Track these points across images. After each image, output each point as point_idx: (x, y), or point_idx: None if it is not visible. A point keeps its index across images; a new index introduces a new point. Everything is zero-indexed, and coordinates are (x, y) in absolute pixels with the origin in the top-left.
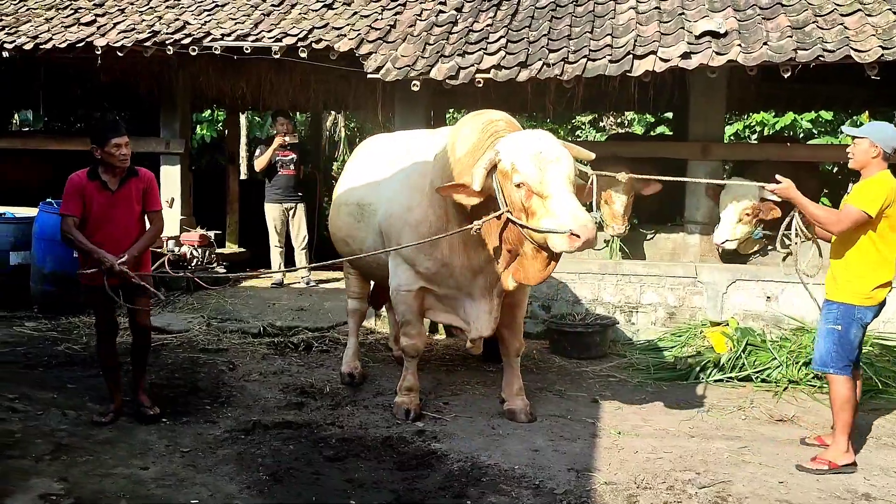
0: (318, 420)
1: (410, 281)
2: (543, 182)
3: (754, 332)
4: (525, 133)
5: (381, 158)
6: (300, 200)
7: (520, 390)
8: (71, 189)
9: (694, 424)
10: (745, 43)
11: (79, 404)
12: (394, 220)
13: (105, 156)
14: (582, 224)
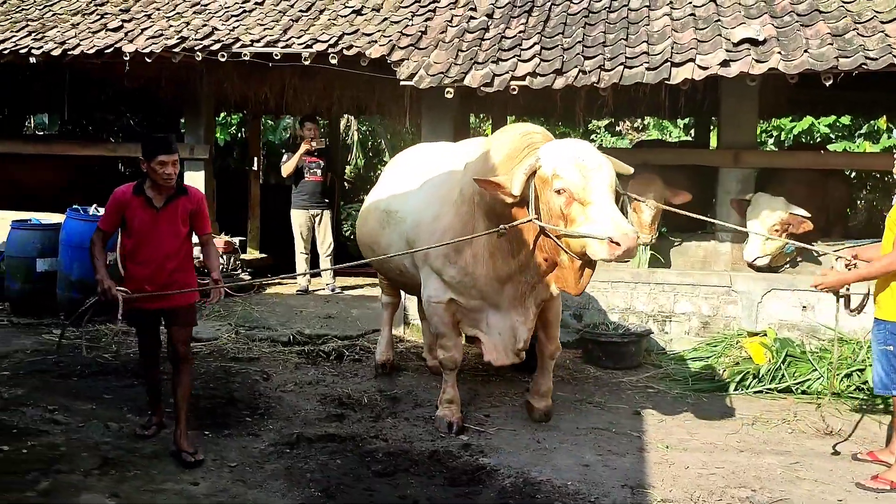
0: (361, 433)
1: (440, 292)
2: (586, 189)
3: (793, 342)
4: (566, 141)
5: (411, 169)
6: (326, 207)
7: (547, 391)
8: (111, 202)
9: (741, 438)
10: (784, 50)
11: (118, 416)
12: (421, 228)
13: (150, 171)
14: (623, 232)
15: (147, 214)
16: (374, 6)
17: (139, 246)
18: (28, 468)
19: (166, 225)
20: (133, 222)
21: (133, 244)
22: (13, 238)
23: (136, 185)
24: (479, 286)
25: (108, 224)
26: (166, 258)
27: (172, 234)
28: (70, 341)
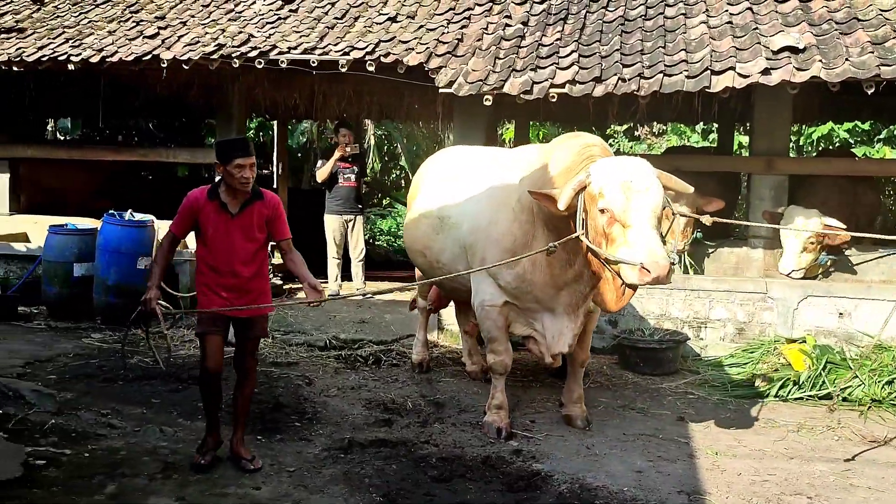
0: (411, 438)
1: (495, 296)
2: (626, 211)
3: (832, 349)
4: (619, 160)
5: (463, 173)
6: (359, 212)
7: (579, 398)
8: (184, 206)
9: (788, 445)
10: (825, 58)
11: (171, 420)
12: (479, 234)
13: (226, 175)
14: (654, 260)
15: (221, 220)
16: (409, 14)
17: (213, 252)
18: (93, 472)
19: (241, 231)
20: (206, 228)
21: (207, 250)
22: (51, 243)
23: (211, 189)
24: (535, 292)
25: (179, 228)
26: (242, 265)
27: (248, 241)
28: (109, 346)
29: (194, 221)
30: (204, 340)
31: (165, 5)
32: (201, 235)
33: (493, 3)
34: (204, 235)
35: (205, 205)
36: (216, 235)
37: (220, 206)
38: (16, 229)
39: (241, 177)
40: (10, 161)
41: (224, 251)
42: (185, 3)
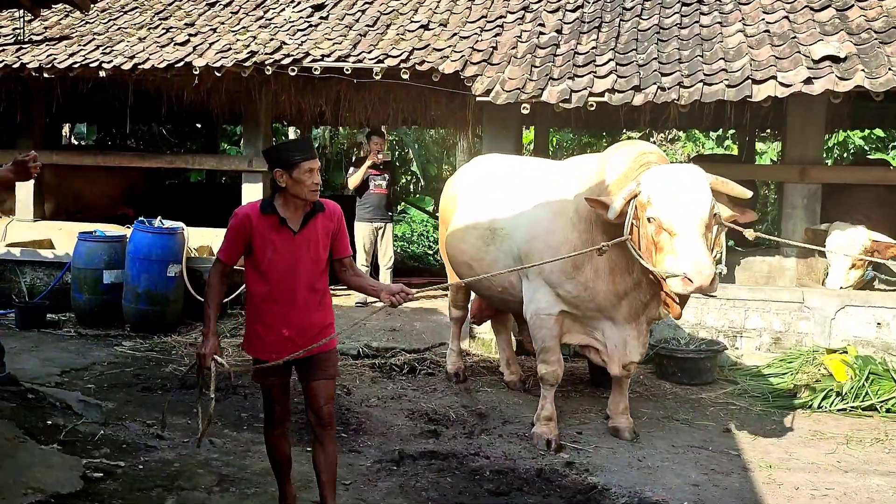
0: (460, 450)
1: (551, 304)
2: (672, 221)
3: (875, 360)
4: (670, 168)
5: (511, 183)
6: (389, 220)
7: (625, 409)
8: (234, 227)
9: (840, 458)
10: (867, 68)
11: (217, 431)
12: (536, 242)
13: (292, 184)
14: (697, 269)
15: (282, 238)
16: (441, 21)
17: (272, 279)
18: (150, 485)
19: (306, 250)
20: (265, 250)
21: (262, 277)
22: (81, 250)
23: (264, 203)
24: (598, 300)
25: (229, 254)
26: (308, 291)
27: (313, 262)
28: (142, 354)
29: (247, 244)
30: (269, 392)
31: (194, 12)
32: (255, 260)
33: (526, 11)
34: (258, 260)
35: (259, 222)
36: (277, 257)
37: (279, 222)
38: (40, 236)
39: (312, 183)
40: None
41: (285, 276)
42: (213, 10)
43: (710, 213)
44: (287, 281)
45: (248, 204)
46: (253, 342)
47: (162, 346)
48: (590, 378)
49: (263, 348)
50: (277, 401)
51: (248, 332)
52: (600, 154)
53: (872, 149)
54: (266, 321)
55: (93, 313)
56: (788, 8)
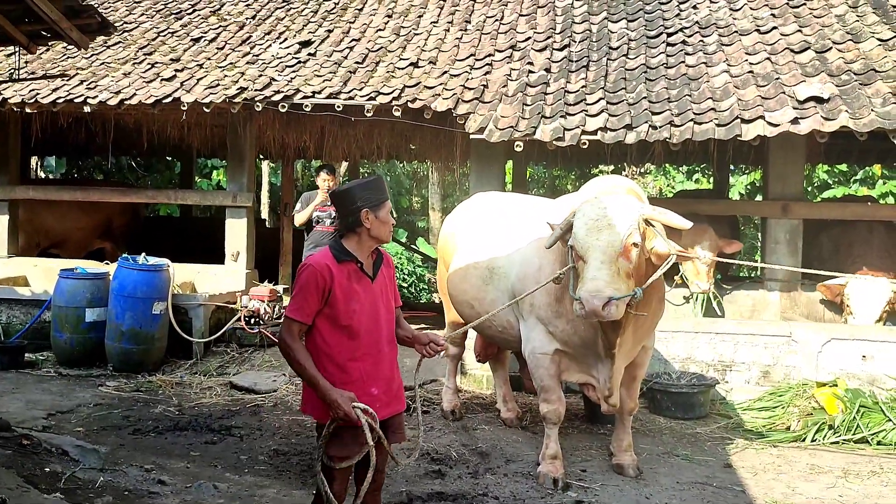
0: (468, 490)
1: (546, 343)
2: (582, 248)
3: (864, 392)
4: (597, 199)
5: (508, 221)
6: None
7: (629, 446)
8: (309, 279)
9: (842, 493)
10: (850, 108)
11: (218, 475)
12: (527, 281)
13: (377, 225)
14: (587, 291)
15: (363, 288)
16: (430, 59)
17: (360, 333)
18: None
19: (382, 299)
20: (348, 302)
21: (348, 332)
22: (62, 287)
23: (336, 251)
24: (580, 334)
25: (307, 312)
26: (390, 346)
27: (389, 311)
28: (128, 394)
29: (325, 298)
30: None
31: (179, 47)
32: (334, 314)
33: (513, 50)
34: (340, 314)
35: (337, 272)
36: (360, 309)
37: (359, 268)
38: (15, 273)
39: (391, 226)
40: (10, 202)
41: (370, 329)
42: (199, 46)
43: (620, 241)
44: (373, 334)
45: (316, 253)
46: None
47: (148, 386)
48: (585, 414)
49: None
50: (344, 477)
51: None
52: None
53: (835, 182)
54: (353, 380)
55: (74, 353)
56: (770, 50)
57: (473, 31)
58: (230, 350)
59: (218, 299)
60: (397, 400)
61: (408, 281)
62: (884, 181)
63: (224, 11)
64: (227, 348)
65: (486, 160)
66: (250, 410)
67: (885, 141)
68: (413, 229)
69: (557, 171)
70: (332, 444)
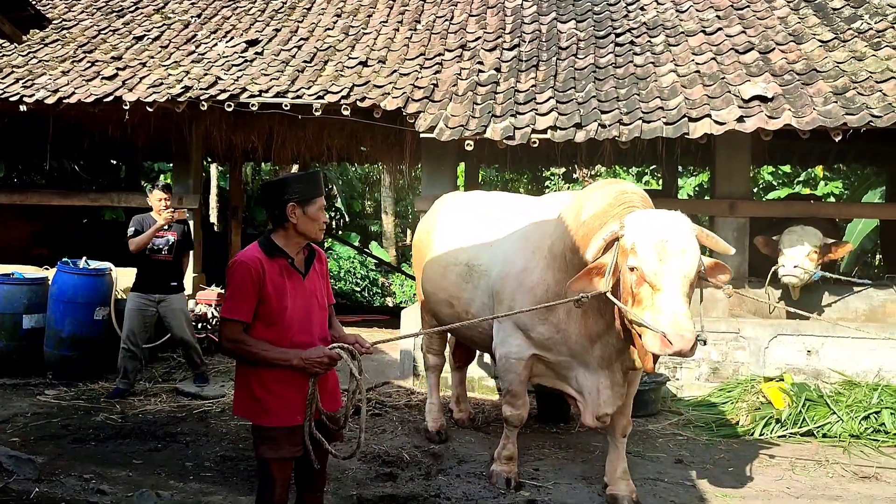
0: (420, 492)
1: (522, 348)
2: (658, 274)
3: (809, 386)
4: (658, 214)
5: (485, 218)
6: (173, 292)
7: (624, 473)
8: (242, 277)
9: (788, 484)
10: (793, 107)
11: (162, 483)
12: (508, 280)
13: (304, 221)
14: (679, 333)
15: (294, 284)
16: (379, 58)
17: (288, 331)
18: None
19: (314, 297)
20: (280, 298)
21: (280, 330)
22: None
23: (266, 246)
24: (570, 344)
25: (245, 311)
26: (323, 343)
27: (321, 308)
28: (68, 403)
29: (259, 295)
30: (271, 472)
31: (121, 45)
32: (267, 312)
33: (463, 50)
34: (273, 311)
35: (269, 267)
36: (292, 306)
37: (289, 264)
38: None
39: (323, 222)
40: None
41: (302, 327)
42: (142, 44)
43: (697, 271)
44: (305, 331)
45: (245, 250)
46: (270, 407)
47: (89, 394)
48: (538, 414)
49: (287, 411)
50: (283, 478)
51: (258, 397)
52: (579, 191)
53: (780, 183)
54: (287, 379)
55: (10, 360)
56: (715, 50)
57: (423, 31)
58: (176, 356)
59: None
60: (333, 399)
61: (361, 285)
62: (825, 182)
63: (168, 10)
64: (174, 354)
65: (437, 161)
66: (196, 417)
67: (825, 141)
68: (366, 233)
69: (510, 174)
70: (265, 447)
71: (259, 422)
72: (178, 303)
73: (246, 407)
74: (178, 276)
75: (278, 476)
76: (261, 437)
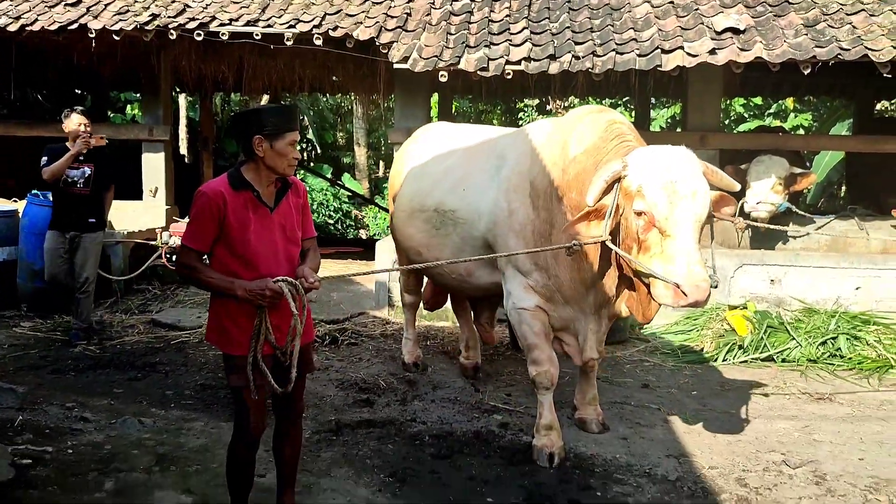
0: (396, 417)
1: (524, 297)
2: (669, 219)
3: (771, 314)
4: (663, 152)
5: (460, 157)
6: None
7: (593, 399)
8: (203, 207)
9: (748, 406)
10: (765, 40)
11: (143, 410)
12: (499, 228)
13: (272, 156)
14: (694, 283)
15: (258, 218)
16: None
17: (252, 264)
18: (85, 469)
19: (282, 231)
20: (242, 231)
21: (245, 264)
22: None
23: (233, 178)
24: (563, 290)
25: (202, 240)
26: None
27: (291, 244)
28: (45, 334)
29: (220, 226)
30: (244, 398)
31: None
32: (230, 244)
33: None
34: (235, 243)
35: (231, 198)
36: (256, 240)
37: (255, 197)
38: None
39: (293, 157)
40: None
41: (268, 260)
42: None
43: (708, 212)
44: (271, 265)
45: (212, 181)
46: (234, 338)
47: (65, 326)
48: (510, 341)
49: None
50: (256, 405)
51: (225, 327)
52: (559, 121)
53: (751, 115)
54: (252, 312)
55: None
56: None
57: None
58: (152, 288)
59: (137, 236)
60: (306, 331)
61: (334, 217)
62: (795, 114)
63: None
64: (149, 286)
65: (410, 92)
66: (175, 347)
67: (796, 73)
68: (338, 165)
69: (483, 105)
70: (234, 375)
71: (227, 350)
72: (91, 240)
73: (216, 336)
74: (97, 213)
75: (251, 402)
76: (230, 365)
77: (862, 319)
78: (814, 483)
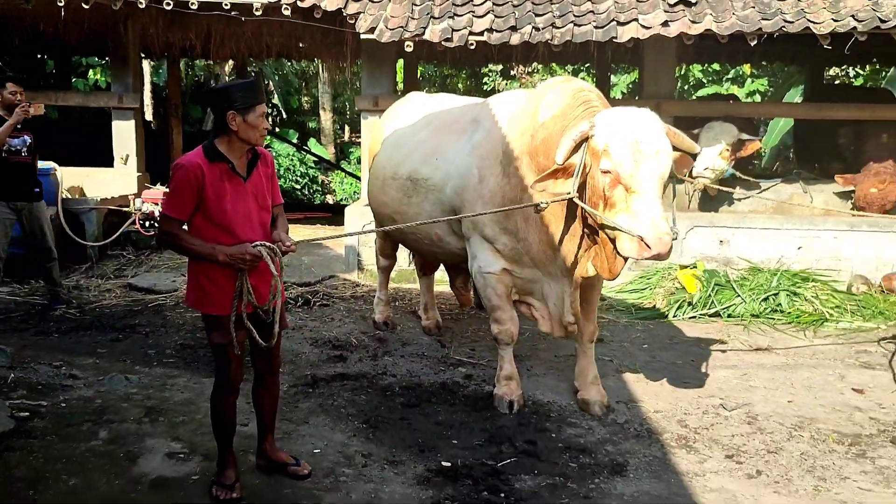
0: (368, 371)
1: (491, 261)
2: (634, 176)
3: (718, 273)
4: (628, 112)
5: (432, 126)
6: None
7: (595, 378)
8: (182, 179)
9: (694, 357)
10: (714, 12)
11: (128, 368)
12: (467, 194)
13: (245, 128)
14: (657, 236)
15: (233, 187)
16: None
17: (235, 231)
18: (79, 420)
19: (255, 199)
20: (219, 201)
21: (224, 231)
22: None
23: (208, 150)
24: (532, 253)
25: (183, 210)
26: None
27: (263, 210)
28: (23, 299)
29: (198, 197)
30: (226, 353)
31: None
32: (208, 213)
33: None
34: (213, 212)
35: (209, 170)
36: (231, 208)
37: (230, 168)
38: None
39: (263, 128)
40: None
41: (244, 227)
42: None
43: (669, 170)
44: (247, 231)
45: (189, 153)
46: (215, 299)
47: (44, 291)
48: (475, 303)
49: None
50: (237, 359)
51: (205, 290)
52: (530, 91)
53: (710, 81)
54: (230, 273)
55: None
56: None
57: None
58: (126, 253)
59: (110, 203)
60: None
61: (301, 182)
62: (752, 80)
63: None
64: (124, 252)
65: (376, 60)
66: (152, 310)
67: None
68: (304, 130)
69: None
70: (215, 333)
71: (206, 311)
72: (40, 209)
73: (195, 298)
74: (39, 182)
75: (233, 356)
76: (209, 324)
77: (802, 277)
78: (746, 423)
